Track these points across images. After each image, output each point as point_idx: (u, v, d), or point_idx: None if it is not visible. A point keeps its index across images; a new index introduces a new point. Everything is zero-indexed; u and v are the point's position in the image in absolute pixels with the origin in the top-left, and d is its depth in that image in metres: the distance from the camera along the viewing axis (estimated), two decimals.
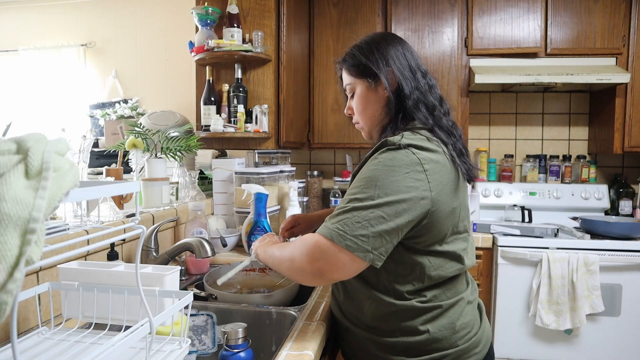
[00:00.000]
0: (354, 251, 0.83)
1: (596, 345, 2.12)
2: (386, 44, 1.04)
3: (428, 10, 2.46)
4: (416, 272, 0.94)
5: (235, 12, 1.97)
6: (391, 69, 1.01)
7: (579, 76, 2.26)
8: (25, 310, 0.99)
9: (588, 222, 2.24)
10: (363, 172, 0.91)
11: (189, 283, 1.47)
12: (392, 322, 0.96)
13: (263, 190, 1.73)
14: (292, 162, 2.67)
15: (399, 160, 0.87)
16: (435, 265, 0.94)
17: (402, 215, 0.85)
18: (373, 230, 0.84)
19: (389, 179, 0.86)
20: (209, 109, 2.02)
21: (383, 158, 0.88)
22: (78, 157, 1.46)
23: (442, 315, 0.96)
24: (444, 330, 0.95)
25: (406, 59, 1.03)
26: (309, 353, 0.91)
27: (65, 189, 0.47)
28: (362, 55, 1.04)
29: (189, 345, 0.81)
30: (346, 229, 0.84)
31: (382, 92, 1.02)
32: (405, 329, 0.95)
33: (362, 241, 0.83)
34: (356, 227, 0.84)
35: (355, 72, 1.06)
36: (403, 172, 0.86)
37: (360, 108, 1.07)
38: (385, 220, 0.84)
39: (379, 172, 0.87)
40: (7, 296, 0.39)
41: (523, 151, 2.81)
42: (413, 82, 1.01)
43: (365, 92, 1.05)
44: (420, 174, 0.87)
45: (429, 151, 0.90)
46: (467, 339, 0.97)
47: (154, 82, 3.09)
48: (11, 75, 3.33)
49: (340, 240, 0.84)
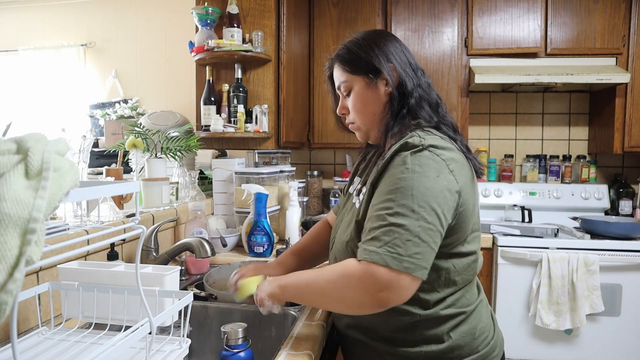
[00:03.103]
0: (414, 272, 0.77)
1: (596, 345, 2.12)
2: (384, 40, 0.99)
3: (428, 10, 2.46)
4: (442, 278, 0.90)
5: (235, 12, 1.97)
6: (393, 65, 0.96)
7: (579, 76, 2.26)
8: (25, 310, 0.99)
9: (588, 222, 2.24)
10: (390, 182, 0.84)
11: (189, 283, 1.47)
12: (415, 332, 0.92)
13: (263, 190, 1.73)
14: (292, 162, 2.67)
15: (427, 165, 0.83)
16: (459, 269, 0.92)
17: (444, 221, 0.82)
18: (425, 244, 0.79)
19: (423, 186, 0.81)
20: (209, 109, 2.02)
21: (410, 163, 0.83)
22: (78, 157, 1.46)
23: (465, 322, 0.93)
24: (465, 337, 0.92)
25: (405, 56, 0.99)
26: (309, 353, 0.91)
27: (65, 189, 0.47)
28: (360, 50, 0.98)
29: (188, 346, 0.81)
30: (399, 250, 0.77)
31: (383, 89, 0.97)
32: (428, 338, 0.92)
33: (418, 259, 0.78)
34: (409, 245, 0.78)
35: (352, 69, 0.99)
36: (434, 176, 0.82)
37: (359, 106, 1.00)
38: (432, 230, 0.80)
39: (411, 179, 0.81)
40: (7, 296, 0.39)
41: (523, 151, 2.80)
42: (415, 79, 0.97)
43: (364, 89, 0.99)
44: (449, 175, 0.84)
45: (448, 150, 0.87)
46: (486, 344, 0.95)
47: (154, 82, 3.09)
48: (11, 75, 3.33)
49: (397, 264, 0.77)
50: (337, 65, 1.03)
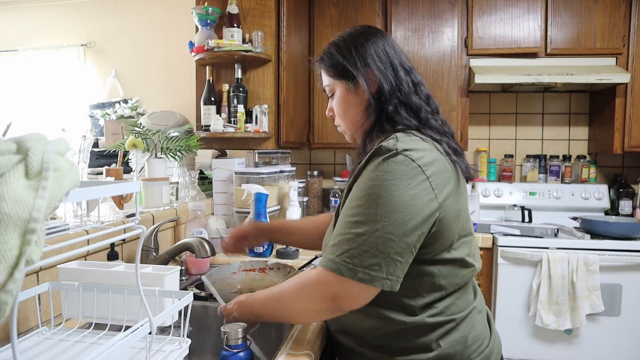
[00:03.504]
0: (369, 283, 0.77)
1: (596, 345, 2.12)
2: (365, 40, 0.95)
3: (428, 10, 2.46)
4: (425, 282, 0.87)
5: (235, 12, 1.97)
6: (370, 69, 0.93)
7: (579, 76, 2.26)
8: (25, 310, 0.99)
9: (588, 222, 2.24)
10: (360, 188, 0.82)
11: (189, 283, 1.47)
12: (403, 340, 0.89)
13: (263, 190, 1.73)
14: (292, 162, 2.67)
15: (399, 172, 0.79)
16: (445, 273, 0.88)
17: (411, 232, 0.79)
18: (384, 256, 0.77)
19: (390, 195, 0.78)
20: (209, 109, 2.02)
21: (381, 170, 0.80)
22: (78, 157, 1.46)
23: (455, 329, 0.89)
24: (456, 345, 0.89)
25: (387, 56, 0.94)
26: (308, 353, 0.91)
27: (65, 189, 0.47)
28: (339, 54, 0.96)
29: (188, 346, 0.81)
30: (355, 260, 0.77)
31: (362, 94, 0.95)
32: (416, 347, 0.89)
33: (374, 270, 0.77)
34: (365, 256, 0.77)
35: (333, 73, 0.98)
36: (405, 184, 0.78)
37: (341, 111, 1.00)
38: (394, 242, 0.77)
39: (379, 187, 0.79)
40: (7, 296, 0.39)
41: (523, 151, 2.80)
42: (395, 81, 0.93)
43: (345, 94, 0.97)
44: (424, 182, 0.80)
45: (425, 151, 0.84)
46: (479, 352, 0.91)
47: (154, 82, 3.09)
48: (11, 75, 3.33)
49: (351, 274, 0.77)
50: (322, 67, 1.02)
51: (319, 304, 0.83)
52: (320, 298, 0.82)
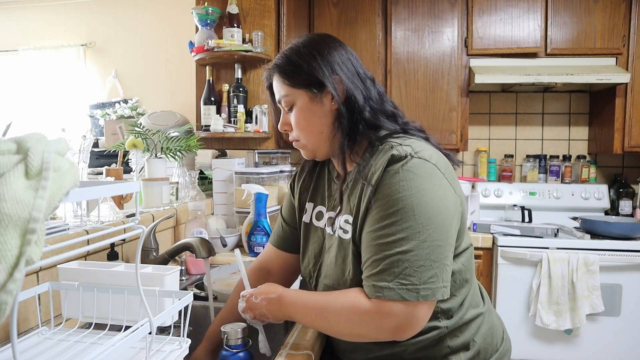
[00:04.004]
0: (432, 297, 0.74)
1: (596, 345, 2.12)
2: (328, 47, 0.88)
3: (428, 10, 2.46)
4: (456, 280, 0.86)
5: (235, 12, 1.97)
6: (338, 77, 0.86)
7: (579, 76, 2.26)
8: (25, 310, 0.99)
9: (588, 222, 2.24)
10: (387, 204, 0.77)
11: (189, 283, 1.47)
12: (442, 345, 0.86)
13: (263, 190, 1.73)
14: (292, 162, 2.67)
15: (421, 176, 0.77)
16: (466, 265, 0.89)
17: (451, 231, 0.78)
18: (438, 265, 0.75)
19: (423, 202, 0.75)
20: (209, 109, 2.02)
21: (404, 179, 0.76)
22: (78, 157, 1.46)
23: (484, 322, 0.91)
24: (487, 338, 0.90)
25: (353, 65, 0.89)
26: (308, 353, 0.91)
27: (65, 189, 0.47)
28: (301, 60, 0.87)
29: (188, 346, 0.81)
30: (413, 280, 0.73)
31: (329, 104, 0.87)
32: (456, 348, 0.87)
33: (433, 283, 0.74)
34: (421, 272, 0.74)
35: (293, 82, 0.88)
36: (431, 187, 0.77)
37: (304, 124, 0.89)
38: (443, 247, 0.76)
39: (408, 198, 0.75)
40: (7, 296, 0.39)
41: (523, 151, 2.80)
42: (365, 90, 0.88)
43: (308, 104, 0.88)
44: (442, 180, 0.79)
45: (430, 150, 0.83)
46: (502, 338, 0.95)
47: (154, 82, 3.09)
48: (11, 75, 3.33)
49: (415, 296, 0.73)
50: (276, 76, 0.92)
51: (377, 335, 0.78)
52: (379, 330, 0.77)
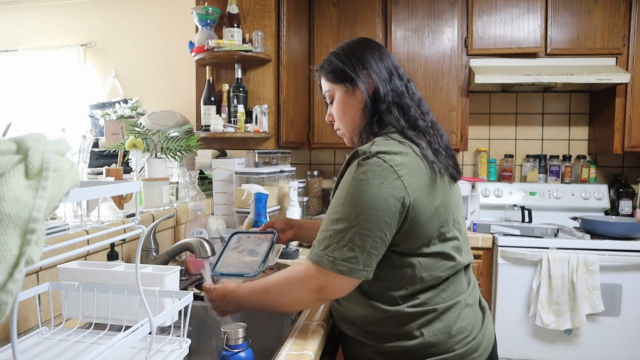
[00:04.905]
0: (347, 274, 0.87)
1: (596, 345, 2.12)
2: (362, 48, 1.05)
3: (428, 10, 2.46)
4: (407, 275, 0.94)
5: (235, 12, 1.97)
6: (367, 72, 1.02)
7: (579, 76, 2.26)
8: (25, 310, 0.99)
9: (588, 222, 2.24)
10: (340, 188, 0.93)
11: (189, 283, 1.47)
12: (387, 327, 0.96)
13: (263, 190, 1.73)
14: (292, 162, 2.67)
15: (372, 172, 0.88)
16: (426, 265, 0.94)
17: (384, 226, 0.87)
18: (361, 250, 0.86)
19: (364, 194, 0.87)
20: (209, 109, 2.02)
21: (357, 172, 0.89)
22: (78, 157, 1.46)
23: (438, 319, 0.95)
24: (439, 335, 0.94)
25: (383, 62, 1.04)
26: (309, 353, 0.91)
27: (65, 189, 0.47)
28: (338, 60, 1.05)
29: (188, 346, 0.81)
30: (335, 255, 0.87)
31: (360, 96, 1.03)
32: (400, 334, 0.95)
33: (352, 263, 0.87)
34: (344, 250, 0.87)
35: (332, 78, 1.07)
36: (378, 183, 0.87)
37: (340, 114, 1.08)
38: (369, 236, 0.86)
39: (354, 188, 0.88)
40: (7, 296, 0.39)
41: (523, 151, 2.81)
42: (389, 84, 1.02)
43: (343, 97, 1.06)
44: (396, 181, 0.87)
45: (400, 155, 0.90)
46: (464, 344, 0.95)
47: (154, 82, 3.09)
48: (11, 75, 3.33)
49: (332, 266, 0.87)
50: (322, 75, 1.11)
51: (306, 295, 0.93)
52: (307, 290, 0.92)
